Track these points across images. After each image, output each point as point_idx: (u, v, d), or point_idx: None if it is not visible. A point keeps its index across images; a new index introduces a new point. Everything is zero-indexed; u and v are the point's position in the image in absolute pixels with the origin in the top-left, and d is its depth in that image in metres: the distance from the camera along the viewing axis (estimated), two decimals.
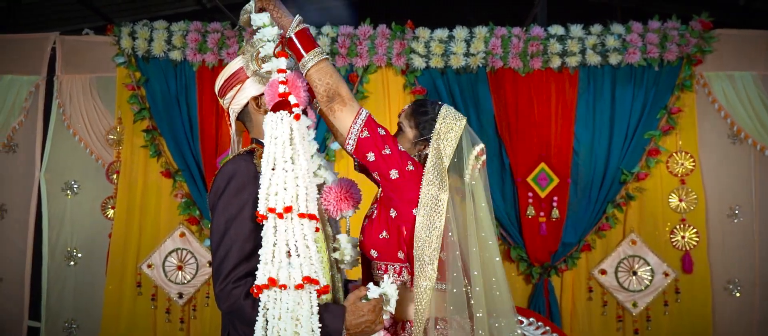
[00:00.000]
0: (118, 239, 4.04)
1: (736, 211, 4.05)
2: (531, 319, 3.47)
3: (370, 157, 1.74)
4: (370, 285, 1.72)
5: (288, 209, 1.58)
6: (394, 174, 1.76)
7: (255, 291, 1.55)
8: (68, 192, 4.21)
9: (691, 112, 4.04)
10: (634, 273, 3.97)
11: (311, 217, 1.62)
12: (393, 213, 1.81)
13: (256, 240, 1.61)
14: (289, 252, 1.58)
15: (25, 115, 4.21)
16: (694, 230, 3.98)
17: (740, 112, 4.04)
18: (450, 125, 1.86)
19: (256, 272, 1.57)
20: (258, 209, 1.59)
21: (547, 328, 3.43)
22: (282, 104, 1.66)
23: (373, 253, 1.86)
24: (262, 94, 1.76)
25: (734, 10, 5.14)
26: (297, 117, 1.67)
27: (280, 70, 1.70)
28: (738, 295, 4.02)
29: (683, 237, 3.98)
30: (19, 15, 4.78)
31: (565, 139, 4.00)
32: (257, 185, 1.63)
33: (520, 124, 4.01)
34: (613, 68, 4.01)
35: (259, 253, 1.58)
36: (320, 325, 1.57)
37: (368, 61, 4.03)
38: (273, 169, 1.61)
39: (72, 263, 4.18)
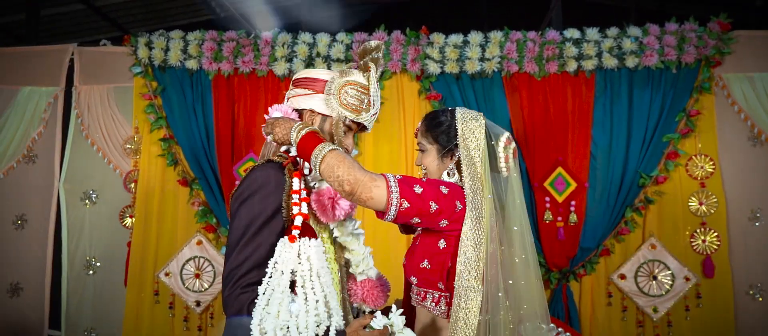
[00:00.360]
0: (136, 248, 4.07)
1: (758, 214, 3.98)
2: (551, 325, 3.43)
3: (415, 220, 1.69)
4: (377, 313, 1.66)
5: None
6: (444, 223, 1.72)
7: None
8: (87, 201, 4.25)
9: (710, 115, 3.99)
10: (655, 277, 3.92)
11: None
12: (442, 244, 1.76)
13: (272, 249, 1.59)
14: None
15: (45, 126, 4.27)
16: (715, 234, 3.92)
17: (760, 114, 3.98)
18: (471, 127, 1.81)
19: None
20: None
21: (568, 334, 3.39)
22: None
23: (413, 280, 1.83)
24: (322, 114, 1.79)
25: (752, 10, 5.08)
26: (312, 234, 1.60)
27: (293, 191, 1.65)
28: (761, 299, 3.94)
29: (704, 241, 3.93)
30: (38, 27, 4.85)
31: (582, 143, 3.97)
32: (282, 192, 1.63)
33: (537, 128, 3.98)
34: (630, 71, 3.98)
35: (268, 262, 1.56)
36: None
37: (383, 68, 4.04)
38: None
39: (91, 272, 4.20)
